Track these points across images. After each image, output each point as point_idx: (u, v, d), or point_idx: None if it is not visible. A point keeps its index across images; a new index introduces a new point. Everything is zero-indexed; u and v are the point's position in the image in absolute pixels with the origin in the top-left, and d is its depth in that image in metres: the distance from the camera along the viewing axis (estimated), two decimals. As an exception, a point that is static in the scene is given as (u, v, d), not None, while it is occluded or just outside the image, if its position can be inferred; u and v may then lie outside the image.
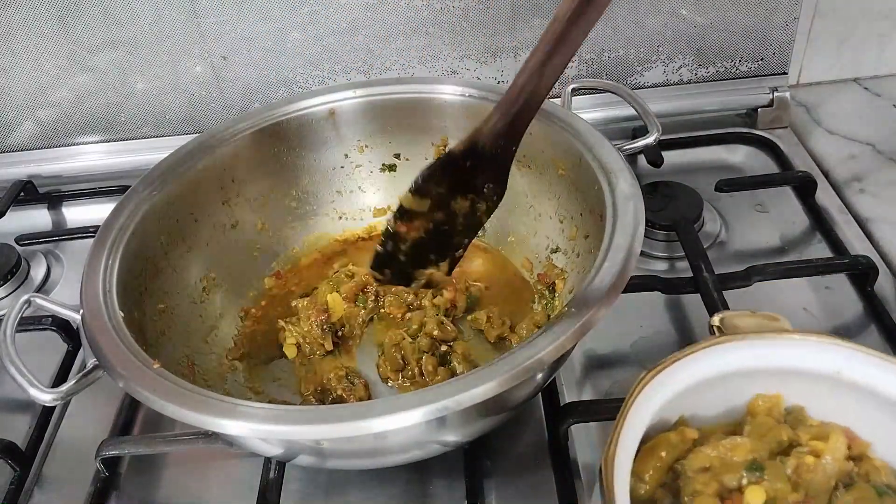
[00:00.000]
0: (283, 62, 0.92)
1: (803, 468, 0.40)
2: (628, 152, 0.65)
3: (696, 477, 0.40)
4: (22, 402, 0.70)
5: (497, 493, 0.57)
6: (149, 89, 0.94)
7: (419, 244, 0.53)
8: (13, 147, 0.99)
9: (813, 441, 0.41)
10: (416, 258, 0.54)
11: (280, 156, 0.75)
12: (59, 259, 0.88)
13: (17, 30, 0.88)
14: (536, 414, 0.62)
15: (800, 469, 0.40)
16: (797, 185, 0.82)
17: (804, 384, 0.43)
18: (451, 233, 0.53)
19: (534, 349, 0.45)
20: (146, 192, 0.65)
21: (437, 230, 0.52)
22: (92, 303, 0.54)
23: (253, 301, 0.73)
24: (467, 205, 0.52)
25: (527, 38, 0.91)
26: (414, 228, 0.52)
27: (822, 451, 0.40)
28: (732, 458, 0.40)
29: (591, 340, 0.68)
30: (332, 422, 0.43)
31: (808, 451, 0.41)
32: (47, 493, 0.62)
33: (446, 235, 0.53)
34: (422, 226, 0.52)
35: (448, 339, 0.65)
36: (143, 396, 0.47)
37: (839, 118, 0.93)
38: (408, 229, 0.52)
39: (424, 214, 0.52)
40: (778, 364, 0.42)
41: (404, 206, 0.51)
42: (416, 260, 0.54)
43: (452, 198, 0.52)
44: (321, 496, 0.59)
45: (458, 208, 0.52)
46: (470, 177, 0.51)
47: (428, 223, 0.52)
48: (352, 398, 0.61)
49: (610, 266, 0.50)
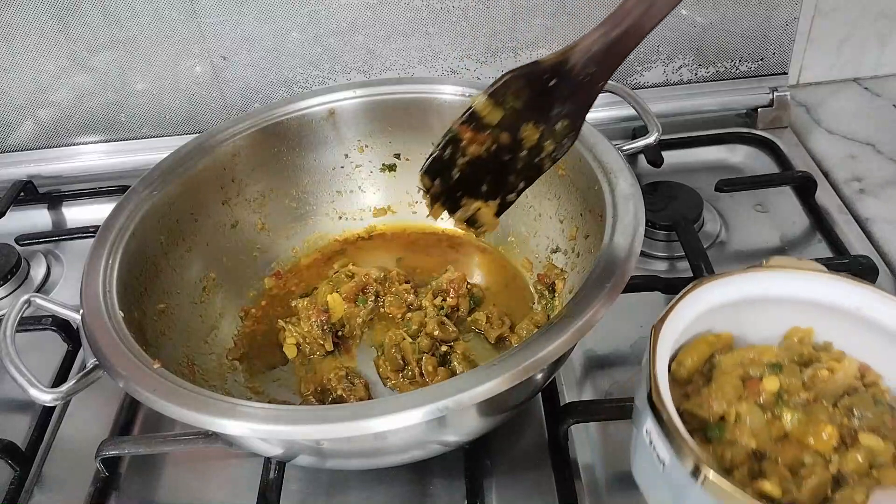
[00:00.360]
0: (283, 62, 0.92)
1: (817, 378, 0.47)
2: (628, 152, 0.65)
3: (727, 367, 0.48)
4: (22, 402, 0.69)
5: (497, 493, 0.57)
6: (149, 89, 0.94)
7: (477, 163, 0.49)
8: (13, 147, 0.99)
9: (830, 361, 0.48)
10: (470, 181, 0.50)
11: (280, 156, 0.75)
12: (59, 259, 0.88)
13: (17, 30, 0.88)
14: (536, 414, 0.62)
15: (814, 378, 0.47)
16: (797, 185, 0.82)
17: (831, 320, 0.50)
18: (511, 168, 0.49)
19: (534, 349, 0.45)
20: (146, 193, 0.65)
21: (497, 155, 0.49)
22: (92, 303, 0.54)
23: (253, 301, 0.73)
24: (535, 138, 0.48)
25: (527, 38, 0.91)
26: (477, 141, 0.48)
27: (836, 369, 0.47)
28: (760, 359, 0.48)
29: (591, 340, 0.68)
30: (332, 422, 0.43)
31: (825, 367, 0.47)
32: (47, 493, 0.62)
33: (505, 168, 0.49)
34: (486, 141, 0.48)
35: (449, 340, 0.65)
36: (143, 396, 0.47)
37: (839, 118, 0.93)
38: (471, 139, 0.48)
39: (492, 129, 0.48)
40: (809, 296, 0.50)
41: (476, 110, 0.48)
42: (469, 183, 0.50)
43: (524, 120, 0.48)
44: (321, 496, 0.59)
45: (526, 137, 0.48)
46: (549, 100, 0.48)
47: (492, 143, 0.48)
48: (352, 398, 0.61)
49: (610, 266, 0.50)
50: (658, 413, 0.42)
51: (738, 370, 0.48)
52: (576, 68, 0.47)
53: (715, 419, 0.45)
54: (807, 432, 0.44)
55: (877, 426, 0.45)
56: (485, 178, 0.50)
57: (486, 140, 0.48)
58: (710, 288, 0.49)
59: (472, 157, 0.49)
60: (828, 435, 0.44)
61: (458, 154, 0.49)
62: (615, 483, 0.57)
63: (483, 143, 0.48)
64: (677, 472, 0.41)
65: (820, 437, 0.44)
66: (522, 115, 0.48)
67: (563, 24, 0.90)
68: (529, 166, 0.49)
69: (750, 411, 0.45)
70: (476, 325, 0.67)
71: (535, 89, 0.47)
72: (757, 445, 0.44)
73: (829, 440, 0.44)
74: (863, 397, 0.46)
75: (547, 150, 0.49)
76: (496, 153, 0.49)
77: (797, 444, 0.45)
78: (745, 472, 0.43)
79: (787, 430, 0.45)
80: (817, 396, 0.46)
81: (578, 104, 0.48)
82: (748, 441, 0.44)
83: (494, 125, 0.48)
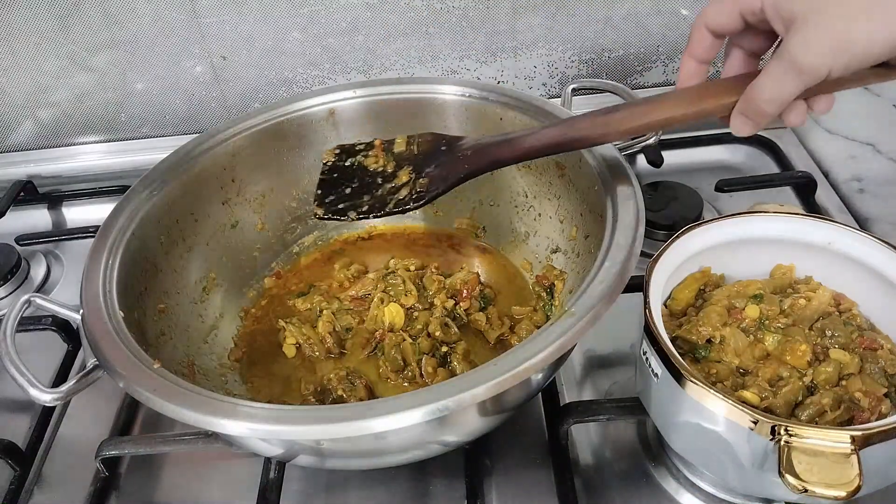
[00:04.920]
0: (283, 62, 0.92)
1: (796, 306, 0.54)
2: (628, 152, 0.65)
3: (715, 299, 0.55)
4: (22, 402, 0.70)
5: (497, 493, 0.57)
6: (149, 89, 0.94)
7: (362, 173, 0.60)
8: (13, 147, 0.99)
9: (807, 292, 0.55)
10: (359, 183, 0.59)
11: (280, 156, 0.75)
12: (59, 259, 0.88)
13: (17, 30, 0.88)
14: (536, 414, 0.62)
15: (793, 306, 0.54)
16: (797, 184, 0.82)
17: (811, 257, 0.57)
18: (372, 190, 0.58)
19: (534, 349, 0.45)
20: (146, 193, 0.65)
21: (376, 176, 0.59)
22: (92, 303, 0.54)
23: (253, 301, 0.73)
24: (403, 181, 0.57)
25: (527, 38, 0.91)
26: (378, 157, 0.60)
27: (812, 298, 0.54)
28: (745, 291, 0.55)
29: (591, 340, 0.68)
30: (332, 422, 0.43)
31: (802, 297, 0.55)
32: (47, 493, 0.62)
33: (370, 188, 0.58)
34: (380, 159, 0.60)
35: (450, 342, 0.65)
36: (143, 396, 0.47)
37: (839, 118, 0.93)
38: (375, 154, 0.60)
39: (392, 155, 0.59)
40: (790, 236, 0.56)
41: (395, 139, 0.60)
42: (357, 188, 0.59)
43: (408, 163, 0.58)
44: (321, 496, 0.59)
45: (399, 176, 0.58)
46: (431, 160, 0.57)
47: (383, 164, 0.59)
48: (352, 398, 0.61)
49: (610, 266, 0.50)
50: (651, 335, 0.49)
51: (725, 301, 0.55)
52: (462, 147, 0.57)
53: (702, 342, 0.53)
54: (784, 351, 0.51)
55: (846, 344, 0.52)
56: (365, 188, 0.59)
57: (381, 159, 0.60)
58: (700, 231, 0.56)
59: (364, 165, 0.60)
60: (802, 352, 0.51)
61: (358, 158, 0.60)
62: (615, 483, 0.57)
63: (378, 159, 0.60)
64: (667, 381, 0.48)
65: (796, 355, 0.51)
66: (411, 159, 0.58)
67: (563, 24, 0.90)
68: (381, 199, 0.57)
69: (733, 334, 0.52)
70: (476, 325, 0.67)
71: (433, 146, 0.58)
72: (740, 363, 0.52)
73: (803, 356, 0.51)
74: (834, 320, 0.53)
75: (400, 194, 0.57)
76: (377, 174, 0.59)
77: (776, 361, 0.51)
78: (729, 385, 0.51)
79: (768, 350, 0.52)
80: (795, 322, 0.53)
81: (442, 174, 0.56)
82: (731, 359, 0.52)
83: (394, 153, 0.59)
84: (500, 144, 0.55)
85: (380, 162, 0.60)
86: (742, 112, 0.46)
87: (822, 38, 0.40)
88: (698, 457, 0.52)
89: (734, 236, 0.57)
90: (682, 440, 0.51)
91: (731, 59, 0.49)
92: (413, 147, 0.59)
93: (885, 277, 0.53)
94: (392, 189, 0.57)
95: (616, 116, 0.51)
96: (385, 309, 0.67)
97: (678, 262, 0.56)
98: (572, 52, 0.93)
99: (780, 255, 0.58)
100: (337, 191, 0.59)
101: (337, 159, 0.61)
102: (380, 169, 0.59)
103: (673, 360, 0.47)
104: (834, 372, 0.50)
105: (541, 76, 0.96)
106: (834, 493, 0.40)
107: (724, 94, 0.47)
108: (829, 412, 0.47)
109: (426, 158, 0.58)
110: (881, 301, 0.54)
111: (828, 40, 0.40)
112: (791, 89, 0.42)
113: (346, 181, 0.60)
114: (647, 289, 0.52)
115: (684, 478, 0.57)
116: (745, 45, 0.48)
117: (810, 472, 0.41)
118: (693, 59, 0.49)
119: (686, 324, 0.55)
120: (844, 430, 0.42)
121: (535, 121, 0.67)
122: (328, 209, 0.58)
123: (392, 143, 0.60)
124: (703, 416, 0.47)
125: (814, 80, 0.41)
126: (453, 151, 0.57)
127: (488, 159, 0.55)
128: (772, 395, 0.49)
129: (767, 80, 0.43)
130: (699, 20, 0.47)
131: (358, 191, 0.59)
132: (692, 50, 0.49)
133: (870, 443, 0.42)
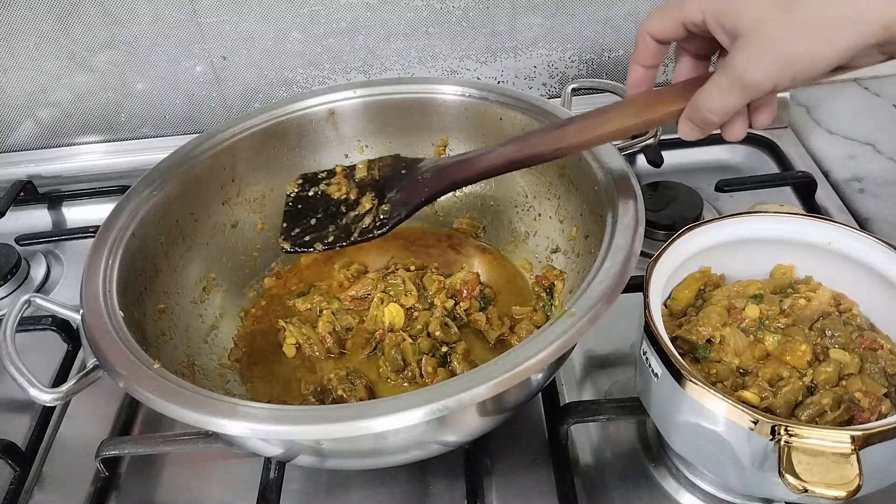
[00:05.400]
0: (283, 62, 0.92)
1: (795, 306, 0.54)
2: (628, 152, 0.65)
3: (715, 299, 0.55)
4: (22, 402, 0.70)
5: (497, 493, 0.57)
6: (149, 89, 0.94)
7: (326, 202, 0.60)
8: (13, 147, 0.99)
9: (807, 292, 0.55)
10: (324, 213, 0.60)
11: (280, 156, 0.74)
12: (59, 259, 0.88)
13: (17, 30, 0.88)
14: (536, 414, 0.62)
15: (793, 306, 0.54)
16: (797, 184, 0.82)
17: (811, 257, 0.57)
18: (338, 220, 0.59)
19: (534, 349, 0.45)
20: (146, 193, 0.65)
21: (340, 204, 0.60)
22: (92, 303, 0.54)
23: (253, 301, 0.73)
24: (367, 208, 0.58)
25: (527, 39, 0.91)
26: (341, 185, 0.61)
27: (812, 298, 0.55)
28: (745, 291, 0.55)
29: (591, 340, 0.68)
30: (332, 422, 0.43)
31: (802, 297, 0.55)
32: (47, 493, 0.62)
33: (335, 217, 0.59)
34: (343, 187, 0.60)
35: (450, 342, 0.65)
36: (143, 396, 0.47)
37: (839, 118, 0.93)
38: (338, 181, 0.61)
39: (354, 182, 0.60)
40: (790, 236, 0.57)
41: (357, 165, 0.61)
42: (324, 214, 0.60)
43: (371, 189, 0.59)
44: (321, 496, 0.59)
45: (362, 203, 0.59)
46: (393, 183, 0.58)
47: (346, 192, 0.60)
48: (352, 398, 0.61)
49: (610, 266, 0.50)
50: (651, 335, 0.50)
51: (725, 301, 0.55)
52: (422, 169, 0.57)
53: (702, 342, 0.53)
54: (784, 351, 0.51)
55: (846, 343, 0.52)
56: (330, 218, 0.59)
57: (344, 186, 0.60)
58: (700, 231, 0.56)
59: (328, 194, 0.61)
60: (802, 352, 0.51)
61: (321, 187, 0.61)
62: (615, 483, 0.57)
63: (341, 187, 0.60)
64: (667, 381, 0.48)
65: (796, 355, 0.51)
66: (373, 185, 0.59)
67: (563, 24, 0.90)
68: (345, 228, 0.58)
69: (733, 334, 0.52)
70: (476, 325, 0.67)
71: (393, 169, 0.59)
72: (740, 363, 0.52)
73: (803, 356, 0.51)
74: (834, 320, 0.53)
75: (364, 222, 0.57)
76: (340, 202, 0.60)
77: (776, 361, 0.51)
78: (729, 385, 0.51)
79: (768, 350, 0.52)
80: (795, 322, 0.53)
81: (403, 199, 0.57)
82: (731, 359, 0.52)
83: (356, 180, 0.60)
84: (459, 165, 0.55)
85: (342, 189, 0.60)
86: (689, 118, 0.46)
87: (766, 57, 0.40)
88: (698, 457, 0.52)
89: (734, 236, 0.57)
90: (682, 440, 0.52)
91: (680, 63, 0.50)
92: (374, 171, 0.60)
93: (885, 277, 0.53)
94: (356, 217, 0.58)
95: (570, 130, 0.51)
96: (385, 309, 0.67)
97: (678, 262, 0.56)
98: (572, 52, 0.93)
99: (780, 255, 0.58)
100: (302, 223, 0.60)
101: (300, 189, 0.62)
102: (343, 197, 0.60)
103: (673, 360, 0.47)
104: (834, 372, 0.50)
105: (541, 76, 0.96)
106: (834, 493, 0.40)
107: (674, 101, 0.47)
108: (829, 412, 0.47)
109: (387, 183, 0.59)
110: (881, 301, 0.54)
111: (772, 59, 0.40)
112: (735, 102, 0.43)
113: (310, 212, 0.60)
114: (647, 289, 0.52)
115: (684, 478, 0.57)
116: (692, 49, 0.49)
117: (810, 472, 0.41)
118: (639, 65, 0.50)
119: (686, 324, 0.55)
120: (844, 430, 0.42)
121: (535, 121, 0.67)
122: (294, 242, 0.58)
123: (353, 170, 0.61)
124: (703, 416, 0.47)
125: (759, 94, 0.42)
126: (413, 174, 0.57)
127: (447, 181, 0.56)
128: (772, 395, 0.49)
129: (714, 89, 0.44)
130: (642, 28, 0.48)
131: (323, 221, 0.59)
132: (638, 57, 0.49)
133: (870, 443, 0.42)
